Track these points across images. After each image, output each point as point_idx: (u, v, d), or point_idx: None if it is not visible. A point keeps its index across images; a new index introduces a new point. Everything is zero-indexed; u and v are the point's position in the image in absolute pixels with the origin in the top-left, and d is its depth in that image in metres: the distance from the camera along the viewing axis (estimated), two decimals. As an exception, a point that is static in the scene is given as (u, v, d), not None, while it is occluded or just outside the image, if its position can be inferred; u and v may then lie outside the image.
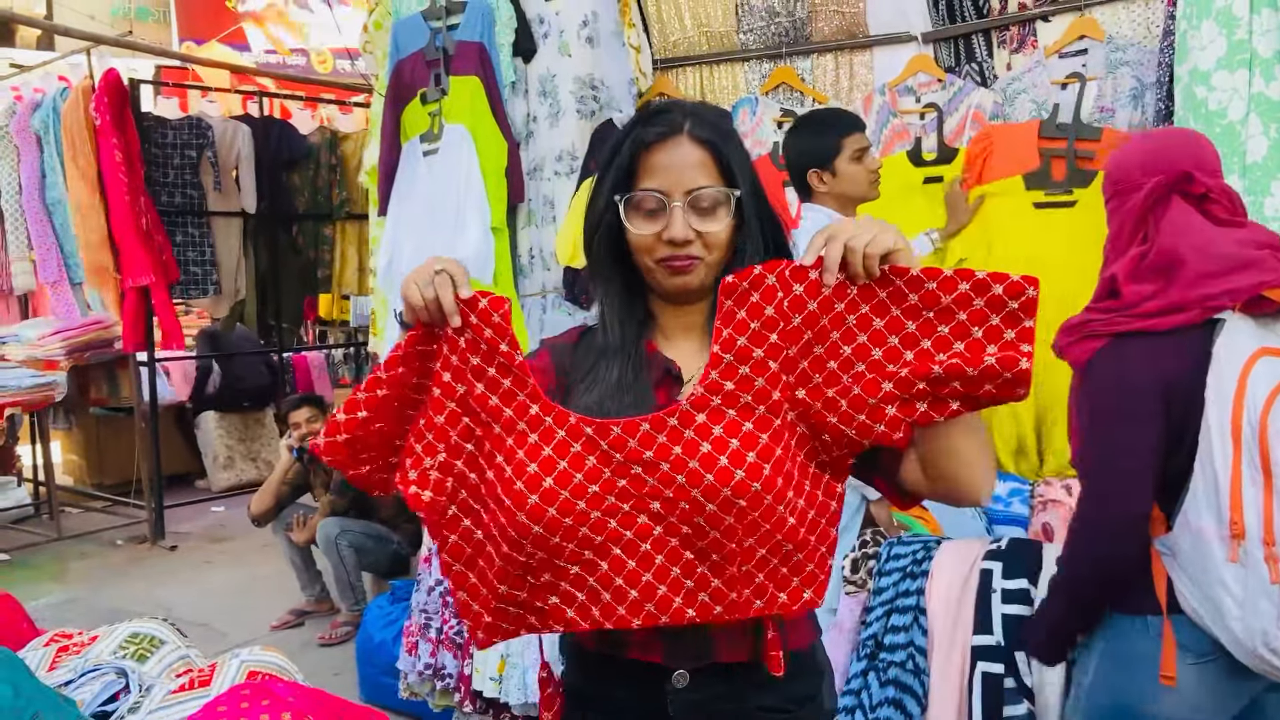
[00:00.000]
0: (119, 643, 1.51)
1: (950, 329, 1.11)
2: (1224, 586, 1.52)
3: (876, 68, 3.29)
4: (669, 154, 1.25)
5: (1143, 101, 2.76)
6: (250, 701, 1.05)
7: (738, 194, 1.26)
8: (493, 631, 1.26)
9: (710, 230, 1.25)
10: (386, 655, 3.46)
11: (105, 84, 5.38)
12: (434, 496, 1.22)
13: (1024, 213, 2.77)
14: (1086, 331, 1.69)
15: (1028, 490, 2.61)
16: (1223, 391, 1.53)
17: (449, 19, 3.52)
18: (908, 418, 1.14)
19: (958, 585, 2.23)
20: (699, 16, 3.45)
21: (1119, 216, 1.71)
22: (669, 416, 1.16)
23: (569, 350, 1.39)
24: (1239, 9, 2.38)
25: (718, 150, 1.26)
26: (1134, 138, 1.86)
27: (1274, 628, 1.48)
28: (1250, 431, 1.49)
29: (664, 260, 1.26)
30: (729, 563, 1.17)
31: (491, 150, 3.41)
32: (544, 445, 1.17)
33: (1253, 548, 1.49)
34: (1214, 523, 1.53)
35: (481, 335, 1.19)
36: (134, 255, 5.43)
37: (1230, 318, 1.58)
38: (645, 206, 1.25)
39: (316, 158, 6.65)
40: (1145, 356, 1.62)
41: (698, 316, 1.34)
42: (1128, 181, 1.70)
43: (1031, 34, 3.02)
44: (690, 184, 1.24)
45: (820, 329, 1.15)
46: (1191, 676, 1.60)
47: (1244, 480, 1.49)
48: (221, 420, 7.17)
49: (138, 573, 5.37)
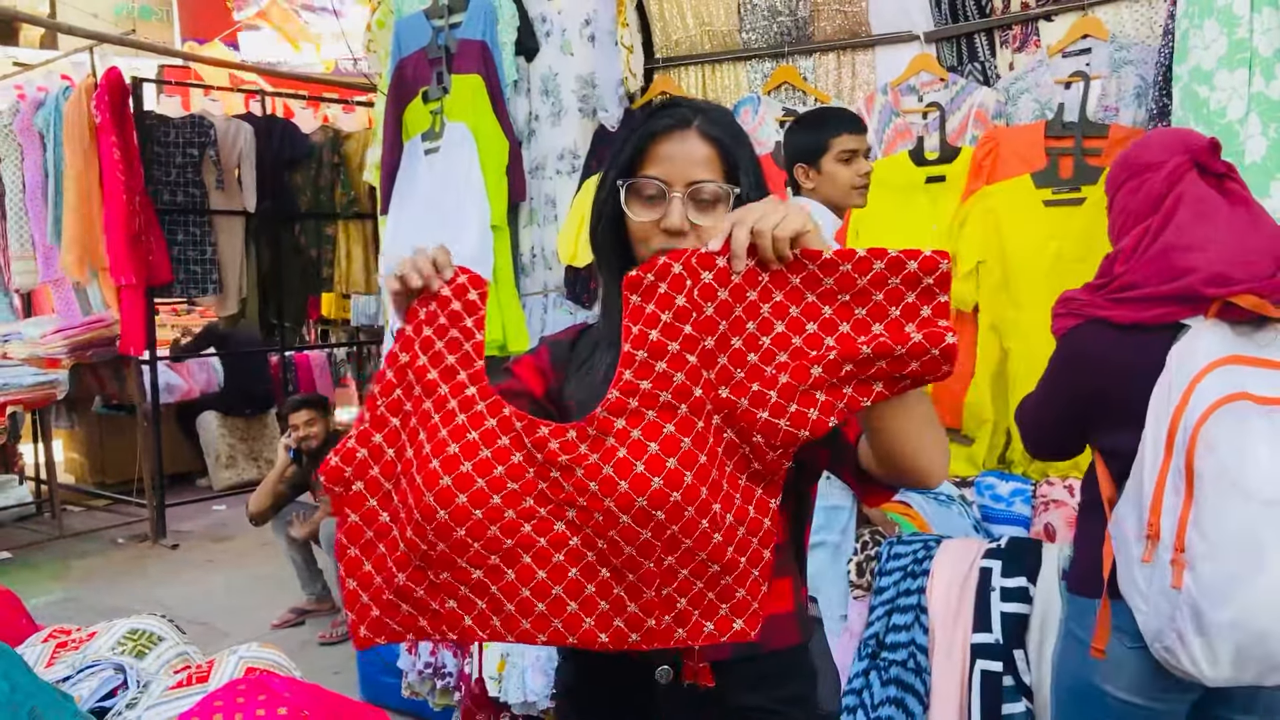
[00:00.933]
0: (117, 639, 1.51)
1: (868, 310, 1.06)
2: (1133, 582, 1.60)
3: (879, 67, 3.29)
4: (675, 145, 1.26)
5: (1147, 100, 2.76)
6: (247, 697, 1.05)
7: (738, 191, 1.25)
8: (378, 629, 1.16)
9: (707, 225, 1.24)
10: (387, 654, 3.46)
11: (106, 82, 5.39)
12: (340, 464, 1.14)
13: (1034, 211, 2.77)
14: (1070, 308, 1.76)
15: (1030, 490, 2.61)
16: (1167, 399, 1.57)
17: (451, 17, 3.52)
18: (839, 402, 1.07)
19: (958, 584, 2.23)
20: (701, 15, 3.45)
21: (1136, 197, 1.71)
22: (589, 424, 1.10)
23: (568, 346, 1.39)
24: (1240, 8, 2.38)
25: (725, 148, 1.27)
26: (1146, 135, 1.88)
27: (1168, 627, 1.54)
28: (1182, 441, 1.53)
29: (660, 251, 1.23)
30: (646, 584, 1.09)
31: (493, 149, 3.41)
32: (470, 429, 1.10)
33: (1163, 551, 1.55)
34: (1135, 522, 1.60)
35: (446, 308, 1.14)
36: (118, 254, 5.43)
37: (1196, 324, 1.59)
38: (646, 193, 1.25)
39: (319, 157, 6.66)
40: (1102, 349, 1.69)
41: None
42: (1145, 162, 1.71)
43: (1034, 33, 3.02)
44: (692, 176, 1.24)
45: (735, 320, 1.09)
46: (1131, 659, 1.66)
47: (1167, 487, 1.55)
48: (223, 419, 7.17)
49: (139, 572, 5.37)
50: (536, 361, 1.38)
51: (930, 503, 2.64)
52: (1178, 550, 1.52)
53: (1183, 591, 1.51)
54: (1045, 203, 2.76)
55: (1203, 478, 1.50)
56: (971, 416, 2.89)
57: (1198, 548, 1.50)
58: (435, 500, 1.07)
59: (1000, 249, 2.81)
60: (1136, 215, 1.70)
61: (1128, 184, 1.74)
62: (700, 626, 1.10)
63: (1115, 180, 1.78)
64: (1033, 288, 2.77)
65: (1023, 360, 2.80)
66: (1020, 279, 2.79)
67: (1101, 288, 1.72)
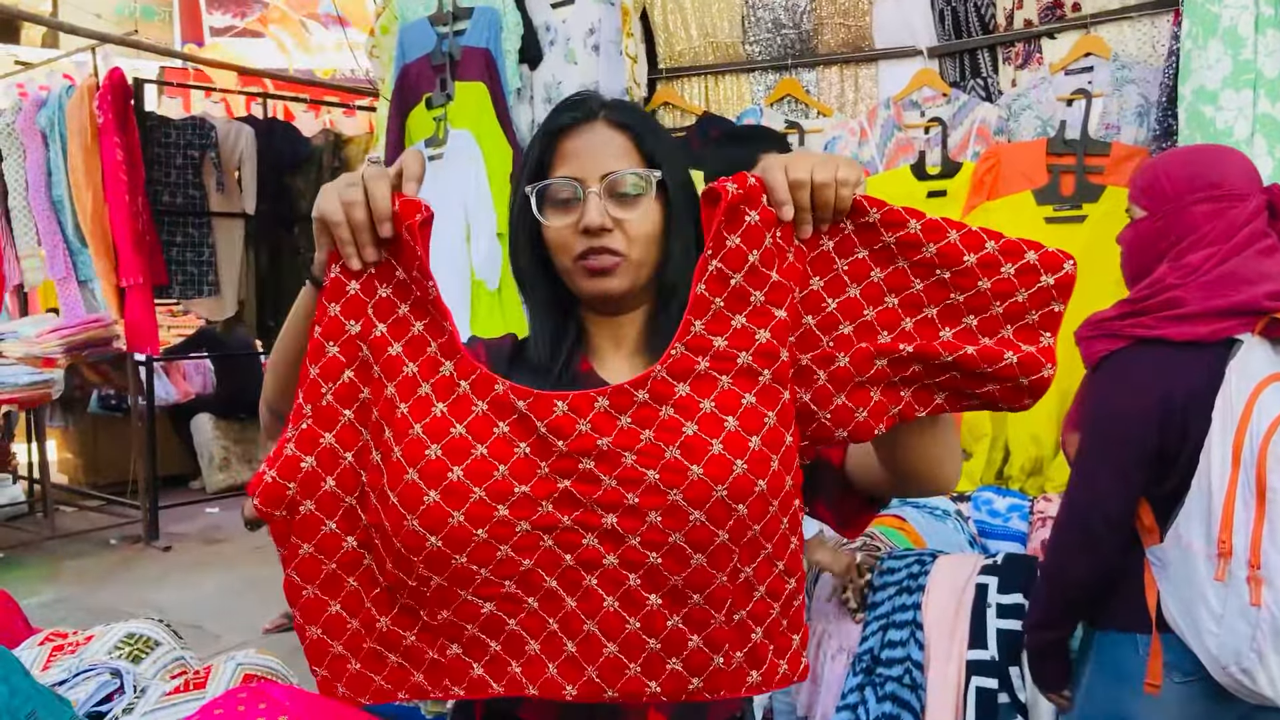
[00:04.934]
0: (114, 643, 1.50)
1: (965, 299, 0.85)
2: (1205, 602, 1.54)
3: (881, 81, 3.30)
4: (583, 139, 1.12)
5: (1149, 119, 2.77)
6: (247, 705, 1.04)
7: (658, 175, 1.11)
8: (360, 686, 0.91)
9: (631, 218, 1.09)
10: (380, 660, 3.45)
11: (109, 83, 5.39)
12: (277, 479, 0.88)
13: (1036, 228, 2.78)
14: (1108, 330, 1.68)
15: (1027, 506, 2.61)
16: (1230, 412, 1.53)
17: (456, 25, 3.53)
18: (893, 407, 0.88)
19: (953, 600, 2.23)
20: (705, 27, 3.46)
21: (1217, 222, 1.64)
22: (636, 388, 0.84)
23: (504, 360, 1.21)
24: (1244, 29, 2.39)
25: (637, 135, 1.13)
26: (1204, 147, 1.82)
27: (1247, 648, 1.49)
28: (1250, 455, 1.50)
29: (582, 258, 1.10)
30: (716, 608, 0.84)
31: (497, 156, 3.42)
32: (454, 421, 0.84)
33: (1237, 568, 1.51)
34: (1203, 540, 1.55)
35: (398, 258, 0.88)
36: (127, 254, 5.44)
37: (1248, 340, 1.58)
38: (559, 197, 1.11)
39: (319, 160, 6.66)
40: (1156, 368, 1.63)
41: (630, 329, 1.17)
42: (1230, 188, 1.66)
43: (1037, 50, 3.03)
44: (606, 168, 1.10)
45: (800, 273, 0.87)
46: (1179, 695, 1.62)
47: (1237, 502, 1.51)
48: (217, 422, 7.16)
49: (131, 573, 5.35)
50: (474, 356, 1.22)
51: (925, 517, 2.64)
52: (1253, 566, 1.48)
53: (1262, 609, 1.47)
54: (1047, 220, 2.77)
55: (1275, 491, 1.47)
56: (969, 431, 2.89)
57: (1275, 563, 1.47)
58: (422, 525, 0.82)
59: (1000, 265, 2.82)
60: (1211, 239, 1.64)
61: (1206, 204, 1.66)
62: (775, 667, 0.87)
63: (1183, 194, 1.69)
64: (1032, 304, 2.78)
65: (1022, 376, 2.80)
66: (1020, 295, 2.80)
67: (1140, 302, 1.66)
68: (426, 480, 0.82)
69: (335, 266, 0.90)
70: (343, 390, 0.88)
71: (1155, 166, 1.77)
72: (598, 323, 1.18)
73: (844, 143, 3.24)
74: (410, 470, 0.82)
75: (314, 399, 0.88)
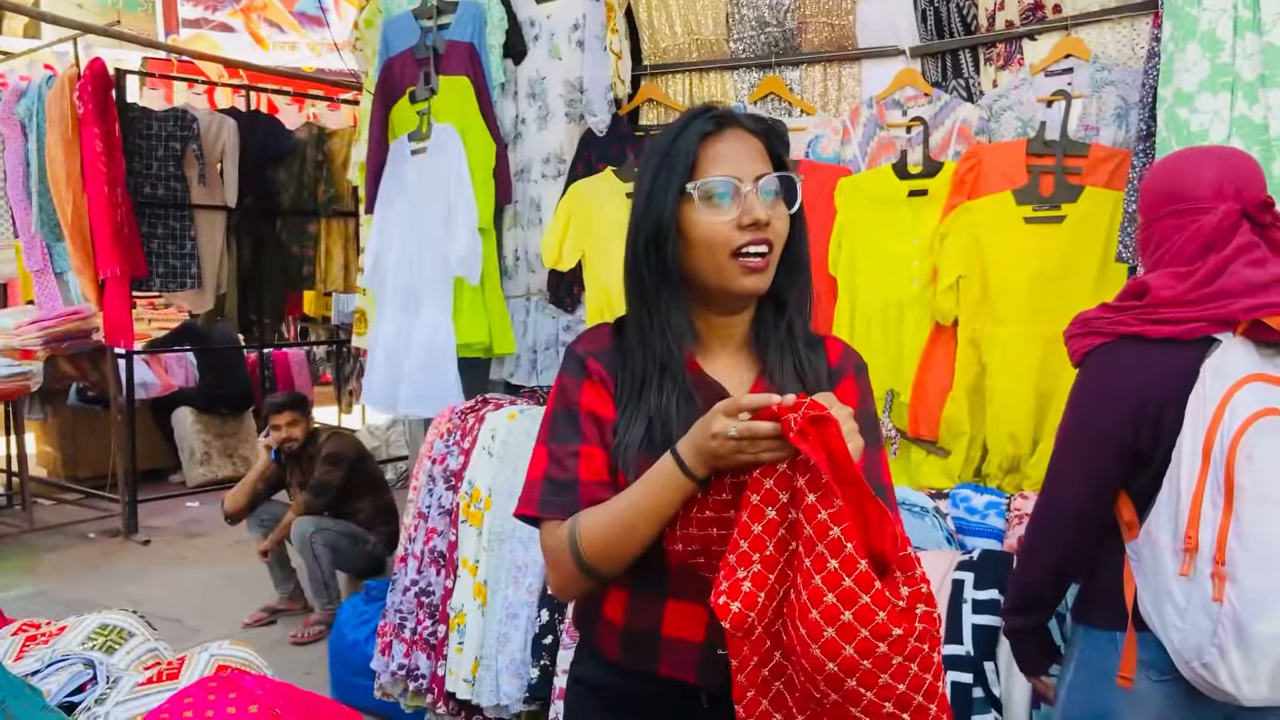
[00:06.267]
0: (88, 634, 1.50)
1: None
2: (1170, 597, 1.56)
3: (864, 80, 3.31)
4: (730, 143, 1.22)
5: (1127, 121, 2.79)
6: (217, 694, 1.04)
7: (801, 177, 1.24)
8: None
9: (779, 216, 1.21)
10: (359, 655, 3.44)
11: (90, 73, 5.35)
12: (742, 610, 1.10)
13: (1016, 227, 2.79)
14: (1092, 328, 1.71)
15: (1004, 503, 2.63)
16: (1203, 410, 1.55)
17: (440, 18, 3.52)
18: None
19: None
20: (690, 24, 3.46)
21: (1180, 235, 1.67)
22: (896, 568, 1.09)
23: (614, 362, 1.30)
24: (1223, 32, 2.40)
25: (769, 141, 1.25)
26: (1187, 154, 1.80)
27: (1208, 642, 1.51)
28: (1220, 453, 1.51)
29: (741, 251, 1.20)
30: None
31: (480, 150, 3.41)
32: (844, 575, 1.05)
33: (1202, 564, 1.52)
34: (1170, 536, 1.57)
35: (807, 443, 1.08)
36: (105, 246, 5.40)
37: (1228, 340, 1.59)
38: (715, 195, 1.20)
39: (302, 154, 6.63)
40: (1134, 364, 1.65)
41: (740, 327, 1.30)
42: (1194, 202, 1.67)
43: (1018, 52, 3.04)
44: (757, 170, 1.21)
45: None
46: (1156, 693, 1.63)
47: (1205, 499, 1.52)
48: (199, 415, 7.12)
49: (109, 567, 5.32)
50: (604, 389, 1.28)
51: (904, 513, 2.66)
52: (1218, 563, 1.50)
53: (1224, 604, 1.49)
54: (1026, 219, 2.79)
55: (1243, 489, 1.48)
56: (948, 429, 2.91)
57: (1239, 560, 1.48)
58: (822, 652, 1.03)
59: (981, 264, 2.84)
60: (1179, 255, 1.67)
61: (1171, 218, 1.69)
62: None
63: (1155, 207, 1.73)
64: (1012, 304, 2.80)
65: (1000, 375, 2.82)
66: (1000, 294, 2.82)
67: (1128, 309, 1.68)
68: (825, 618, 1.03)
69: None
70: (780, 542, 1.10)
71: (1148, 175, 1.80)
72: (712, 321, 1.28)
73: (827, 141, 3.25)
74: (813, 610, 1.03)
75: (759, 547, 1.10)
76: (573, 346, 1.33)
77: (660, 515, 1.16)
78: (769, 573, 1.09)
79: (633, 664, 1.28)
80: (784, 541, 1.10)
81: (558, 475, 1.24)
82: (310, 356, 8.86)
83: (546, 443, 1.27)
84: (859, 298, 3.07)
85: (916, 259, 2.98)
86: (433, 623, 3.06)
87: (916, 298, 2.98)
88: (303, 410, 4.56)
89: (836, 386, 1.31)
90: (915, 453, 3.01)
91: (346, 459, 4.42)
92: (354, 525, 4.41)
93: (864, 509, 1.08)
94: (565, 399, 1.28)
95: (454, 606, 2.96)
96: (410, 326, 3.47)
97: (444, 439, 3.18)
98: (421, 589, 3.11)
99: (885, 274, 3.02)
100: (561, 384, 1.30)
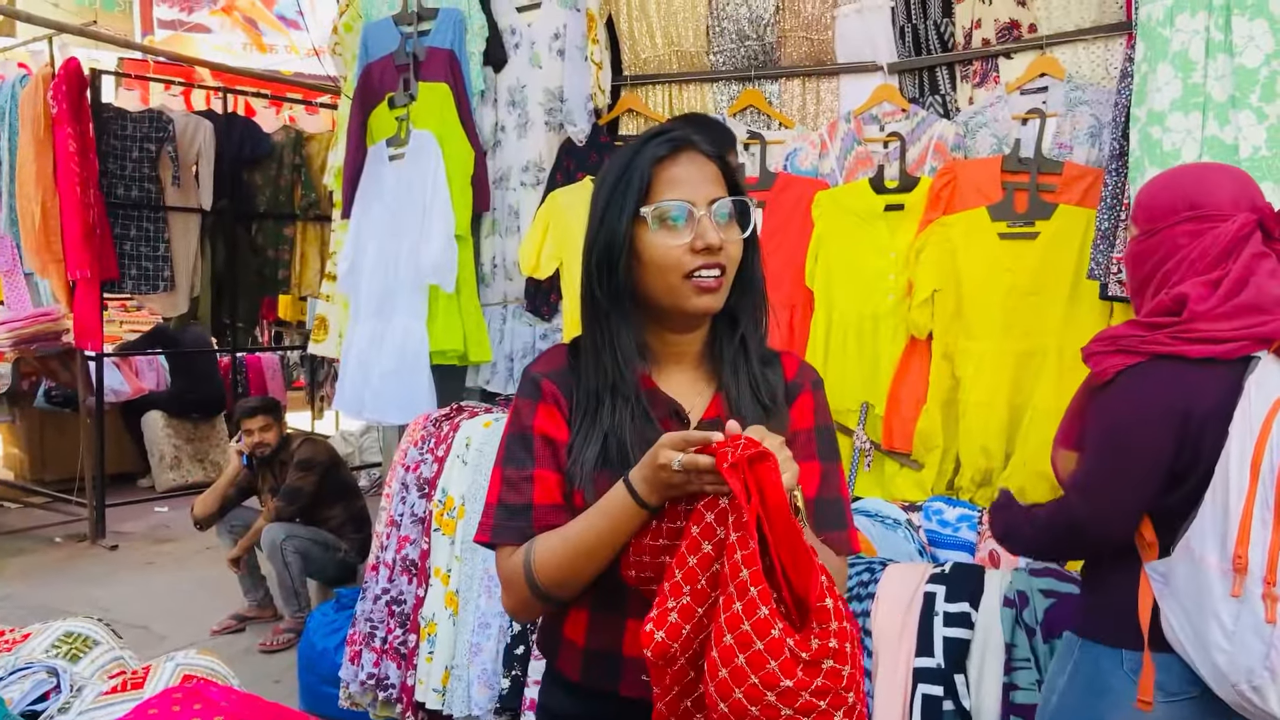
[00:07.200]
0: (52, 641, 1.47)
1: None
2: (1216, 618, 1.52)
3: (843, 95, 3.33)
4: (684, 167, 1.23)
5: (1100, 140, 2.82)
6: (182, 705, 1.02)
7: (755, 202, 1.25)
8: None
9: (733, 240, 1.22)
10: (328, 664, 3.41)
11: (64, 73, 5.30)
12: (665, 639, 1.10)
13: (989, 243, 2.82)
14: (1121, 345, 1.67)
15: (976, 516, 2.64)
16: (1249, 426, 1.52)
17: (420, 25, 3.52)
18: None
19: (901, 608, 2.25)
20: (670, 36, 3.47)
21: (1197, 243, 1.66)
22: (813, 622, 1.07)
23: (568, 382, 1.31)
24: (1195, 54, 2.43)
25: (724, 164, 1.26)
26: (1192, 169, 1.81)
27: (1260, 665, 1.47)
28: (1269, 470, 1.49)
29: (694, 274, 1.21)
30: None
31: (458, 157, 3.40)
32: (744, 618, 1.04)
33: (1252, 584, 1.48)
34: (1217, 554, 1.53)
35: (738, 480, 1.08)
36: (76, 247, 5.34)
37: (1265, 357, 1.58)
38: (668, 218, 1.21)
39: (280, 157, 6.59)
40: (1174, 383, 1.61)
41: (696, 345, 1.31)
42: (1214, 209, 1.66)
43: (994, 70, 3.08)
44: (711, 194, 1.22)
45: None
46: (1162, 714, 1.60)
47: (1255, 517, 1.49)
48: (169, 419, 7.04)
49: (76, 571, 5.25)
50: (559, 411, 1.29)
51: (877, 525, 2.67)
52: (1269, 583, 1.47)
53: (1277, 626, 1.46)
54: (1000, 235, 2.81)
55: None
56: (922, 442, 2.93)
57: None
58: (716, 691, 1.03)
59: (955, 279, 2.86)
60: (1198, 262, 1.65)
61: (1187, 224, 1.67)
62: None
63: (1163, 216, 1.70)
64: (986, 318, 2.82)
65: (973, 389, 2.84)
66: (974, 309, 2.84)
67: (1164, 327, 1.64)
68: (722, 658, 1.03)
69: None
70: (712, 578, 1.09)
71: (1148, 187, 1.78)
72: (667, 339, 1.29)
73: (805, 154, 3.27)
74: (713, 649, 1.04)
75: (692, 580, 1.10)
76: (529, 368, 1.34)
77: (614, 542, 1.17)
78: (698, 605, 1.09)
79: (594, 684, 1.28)
80: (717, 576, 1.09)
81: (511, 500, 1.26)
82: (284, 361, 8.79)
83: (502, 466, 1.29)
84: (835, 310, 3.09)
85: (892, 272, 3.00)
86: (403, 632, 3.04)
87: (892, 311, 3.00)
88: (275, 415, 4.52)
89: (794, 402, 1.33)
90: (889, 465, 3.03)
91: (319, 465, 4.39)
92: (325, 532, 4.37)
93: (793, 551, 1.06)
94: (519, 422, 1.29)
95: (425, 615, 2.95)
96: (383, 332, 3.45)
97: (418, 446, 3.16)
98: (393, 597, 3.09)
99: (861, 287, 3.04)
100: (516, 407, 1.31)
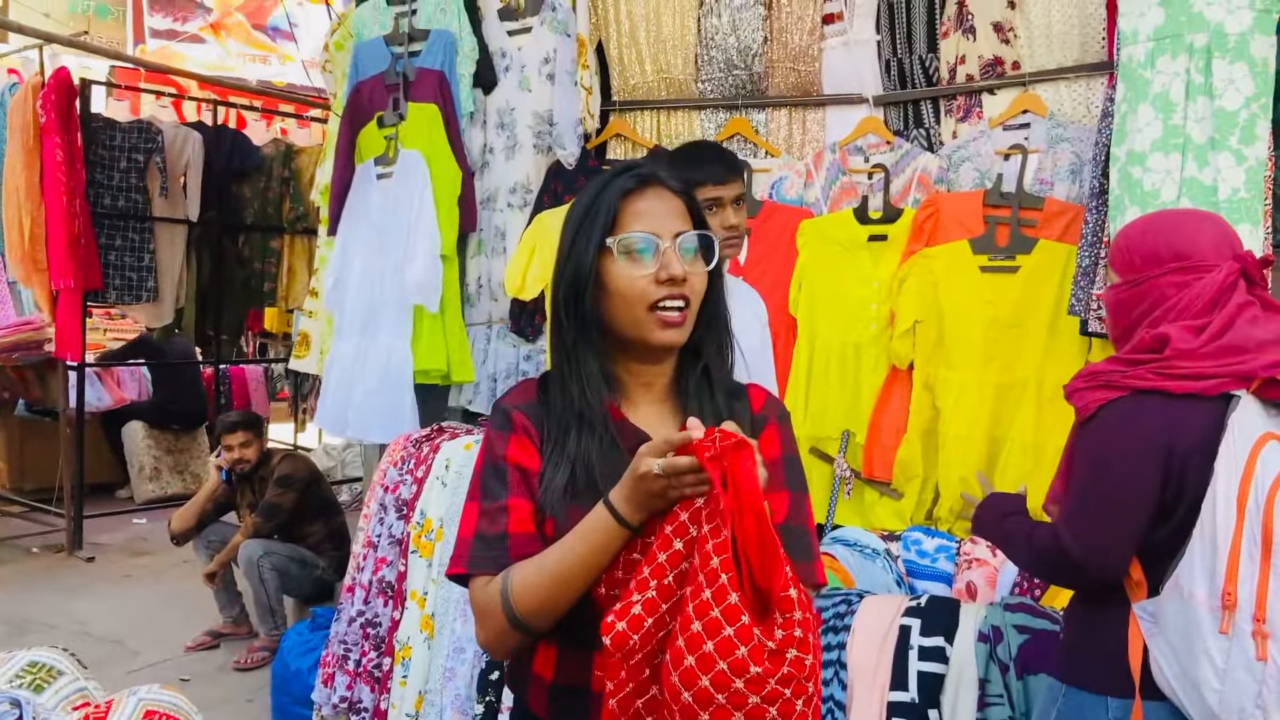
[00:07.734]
0: (15, 671, 1.46)
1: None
2: (1207, 656, 1.51)
3: (828, 125, 3.36)
4: (651, 201, 1.26)
5: (1080, 177, 2.86)
6: (147, 738, 1.02)
7: (718, 238, 1.28)
8: None
9: (697, 273, 1.25)
10: (302, 685, 3.38)
11: (53, 82, 5.30)
12: (626, 630, 1.09)
13: (971, 276, 2.85)
14: (1103, 380, 1.68)
15: (954, 547, 2.65)
16: (1234, 463, 1.53)
17: (411, 45, 3.53)
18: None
19: (877, 641, 2.25)
20: (659, 63, 3.50)
21: (1184, 292, 1.66)
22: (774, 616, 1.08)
23: (538, 414, 1.32)
24: (1175, 95, 2.47)
25: (689, 200, 1.29)
26: (1170, 216, 1.83)
27: (1251, 704, 1.47)
28: (1255, 507, 1.49)
29: (658, 305, 1.23)
30: None
31: (446, 178, 3.41)
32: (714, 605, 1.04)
33: (1242, 621, 1.48)
34: (1206, 591, 1.52)
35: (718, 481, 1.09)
36: (60, 257, 5.32)
37: (1244, 396, 1.59)
38: (634, 250, 1.24)
39: (269, 170, 6.58)
40: (1157, 417, 1.61)
41: (663, 376, 1.33)
42: (1199, 258, 1.67)
43: (977, 105, 3.11)
44: (676, 228, 1.25)
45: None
46: None
47: (1243, 553, 1.49)
48: (150, 430, 6.99)
49: (52, 583, 5.20)
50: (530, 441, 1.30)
51: (855, 555, 2.67)
52: (1259, 620, 1.46)
53: (1268, 664, 1.46)
54: (982, 269, 2.84)
55: None
56: (902, 471, 2.94)
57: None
58: (680, 680, 1.02)
59: (937, 310, 2.88)
60: (1187, 311, 1.66)
61: (1173, 275, 1.68)
62: None
63: (1149, 265, 1.70)
64: (966, 350, 2.84)
65: (953, 419, 2.86)
66: (955, 341, 2.86)
67: (1145, 363, 1.64)
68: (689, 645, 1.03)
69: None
70: (680, 575, 1.09)
71: (1128, 234, 1.78)
72: (634, 370, 1.31)
73: (790, 183, 3.29)
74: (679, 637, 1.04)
75: (659, 575, 1.10)
76: (499, 401, 1.36)
77: (595, 566, 1.17)
78: (663, 601, 1.09)
79: (568, 678, 1.27)
80: (685, 574, 1.10)
81: (487, 530, 1.25)
82: (268, 374, 8.76)
83: (477, 499, 1.29)
84: (818, 338, 3.11)
85: (875, 302, 3.02)
86: (378, 654, 3.02)
87: (874, 340, 3.02)
88: (257, 431, 4.50)
89: (760, 433, 1.33)
90: (869, 494, 3.04)
91: (299, 481, 4.36)
92: (304, 549, 4.35)
93: (761, 541, 1.06)
94: (492, 453, 1.30)
95: (400, 639, 2.93)
96: (367, 350, 3.45)
97: (397, 467, 3.15)
98: (368, 619, 3.07)
99: (844, 315, 3.06)
100: (489, 439, 1.32)
